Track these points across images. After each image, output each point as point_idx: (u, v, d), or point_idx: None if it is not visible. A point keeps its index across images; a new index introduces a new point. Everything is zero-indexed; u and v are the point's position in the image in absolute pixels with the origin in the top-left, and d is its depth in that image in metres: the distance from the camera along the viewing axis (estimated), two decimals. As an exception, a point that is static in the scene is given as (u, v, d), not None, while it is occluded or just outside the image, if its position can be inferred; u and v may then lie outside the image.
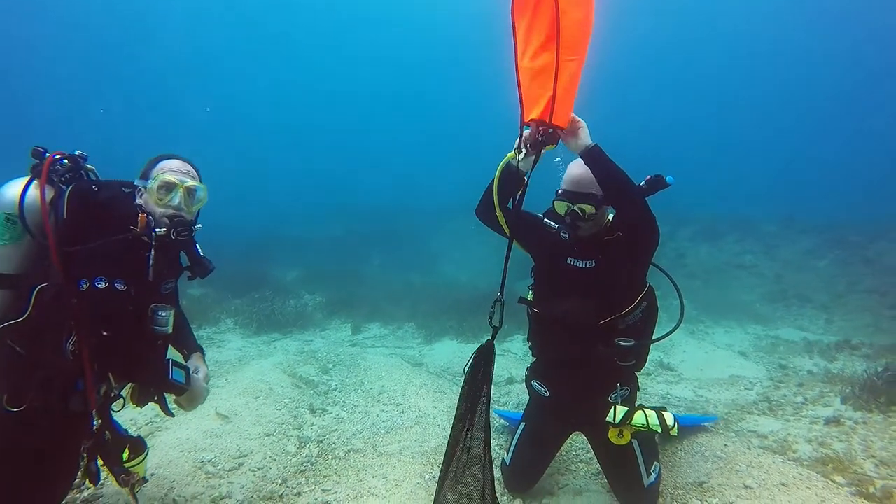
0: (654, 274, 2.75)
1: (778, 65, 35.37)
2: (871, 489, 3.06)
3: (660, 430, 2.55)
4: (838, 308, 8.69)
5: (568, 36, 1.97)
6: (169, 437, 3.69)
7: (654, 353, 6.16)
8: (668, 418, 2.58)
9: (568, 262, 2.68)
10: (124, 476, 2.20)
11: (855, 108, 36.40)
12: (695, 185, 23.80)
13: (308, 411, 4.43)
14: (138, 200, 2.17)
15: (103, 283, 1.87)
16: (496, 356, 2.19)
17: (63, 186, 1.99)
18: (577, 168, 2.57)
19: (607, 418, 2.59)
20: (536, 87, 2.02)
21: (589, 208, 2.52)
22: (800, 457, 3.60)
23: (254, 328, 7.76)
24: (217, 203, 2.45)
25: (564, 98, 2.04)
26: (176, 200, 2.17)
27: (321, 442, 3.86)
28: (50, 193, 1.95)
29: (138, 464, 2.25)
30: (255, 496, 3.05)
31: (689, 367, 6.01)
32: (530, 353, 3.05)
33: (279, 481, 3.24)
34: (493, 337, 2.17)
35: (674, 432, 2.58)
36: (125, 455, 2.20)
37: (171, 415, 2.32)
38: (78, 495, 2.83)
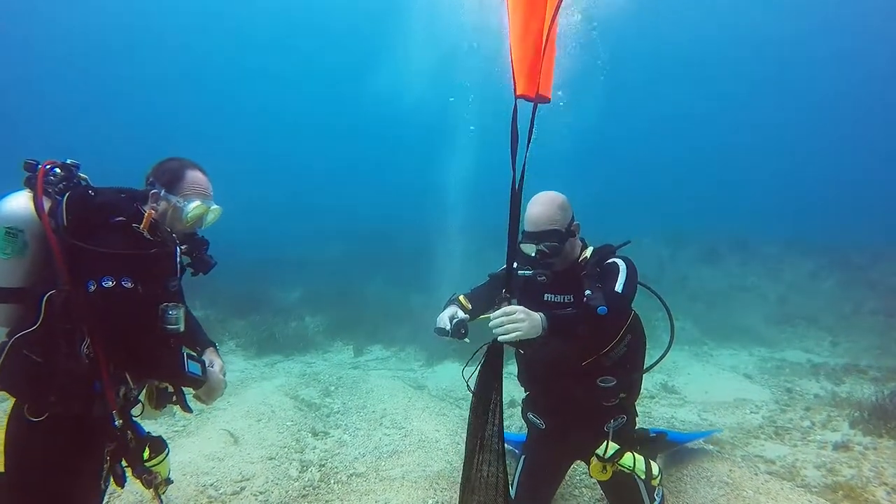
0: (647, 295, 2.75)
1: (780, 85, 35.79)
2: (883, 516, 3.02)
3: (643, 477, 2.56)
4: (844, 330, 8.62)
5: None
6: (171, 461, 3.65)
7: (657, 376, 6.12)
8: (654, 468, 2.60)
9: (545, 298, 2.70)
10: (146, 476, 2.18)
11: (855, 129, 36.71)
12: (695, 207, 23.93)
13: (310, 434, 4.40)
14: (153, 205, 2.16)
15: (110, 283, 1.88)
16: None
17: (59, 197, 2.01)
18: (534, 207, 2.60)
19: (597, 451, 2.60)
20: (526, 56, 1.90)
21: (552, 247, 2.55)
22: (808, 483, 3.55)
23: (255, 350, 7.73)
24: (218, 224, 2.47)
25: (550, 67, 1.94)
26: (205, 225, 2.26)
27: (323, 466, 3.82)
28: (48, 203, 1.97)
29: (159, 463, 2.23)
30: (256, 521, 3.02)
31: (694, 390, 5.95)
32: (522, 389, 3.06)
33: (281, 506, 3.21)
34: None
35: (655, 482, 2.61)
36: (145, 455, 2.19)
37: (190, 410, 2.31)
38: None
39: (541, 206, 2.57)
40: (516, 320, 2.11)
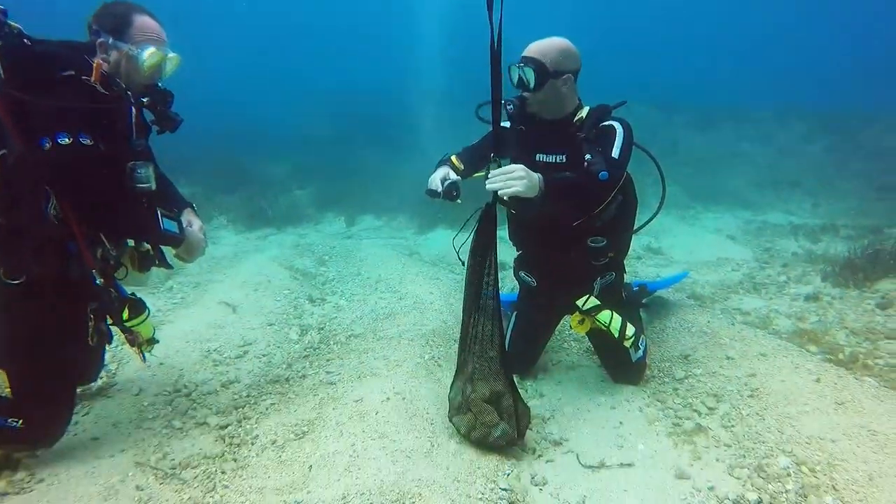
0: (639, 160, 2.72)
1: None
2: (841, 356, 3.28)
3: (616, 336, 2.73)
4: (826, 192, 8.80)
5: None
6: (174, 330, 3.78)
7: (644, 238, 6.27)
8: (629, 330, 2.77)
9: (537, 158, 2.65)
10: (128, 336, 2.26)
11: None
12: (691, 73, 22.88)
13: (307, 301, 4.54)
14: (103, 55, 1.98)
15: (67, 139, 1.77)
16: None
17: None
18: (538, 40, 2.55)
19: (577, 301, 2.73)
20: None
21: (529, 73, 2.47)
22: (779, 330, 3.81)
23: (247, 224, 7.73)
24: (198, 98, 2.29)
25: None
26: (164, 75, 2.10)
27: (322, 329, 3.99)
28: None
29: (140, 323, 2.27)
30: (261, 380, 3.19)
31: (679, 251, 6.16)
32: (514, 247, 3.15)
33: (284, 366, 3.39)
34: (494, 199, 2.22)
35: (627, 343, 2.79)
36: (125, 315, 2.22)
37: (171, 267, 2.35)
38: (92, 384, 2.85)
39: (543, 41, 2.54)
40: (515, 177, 2.09)
